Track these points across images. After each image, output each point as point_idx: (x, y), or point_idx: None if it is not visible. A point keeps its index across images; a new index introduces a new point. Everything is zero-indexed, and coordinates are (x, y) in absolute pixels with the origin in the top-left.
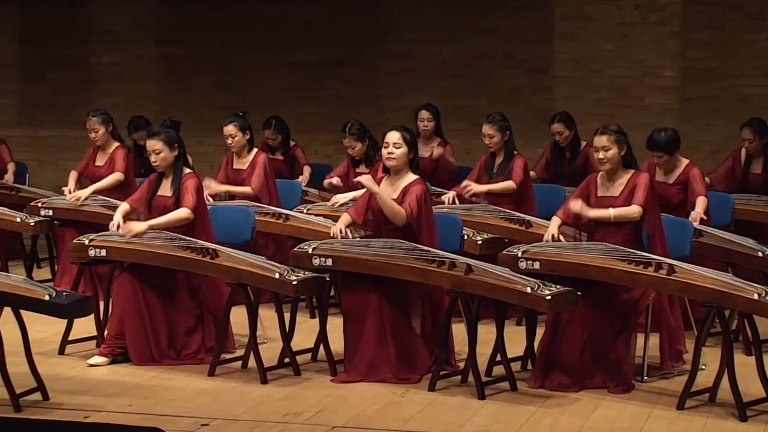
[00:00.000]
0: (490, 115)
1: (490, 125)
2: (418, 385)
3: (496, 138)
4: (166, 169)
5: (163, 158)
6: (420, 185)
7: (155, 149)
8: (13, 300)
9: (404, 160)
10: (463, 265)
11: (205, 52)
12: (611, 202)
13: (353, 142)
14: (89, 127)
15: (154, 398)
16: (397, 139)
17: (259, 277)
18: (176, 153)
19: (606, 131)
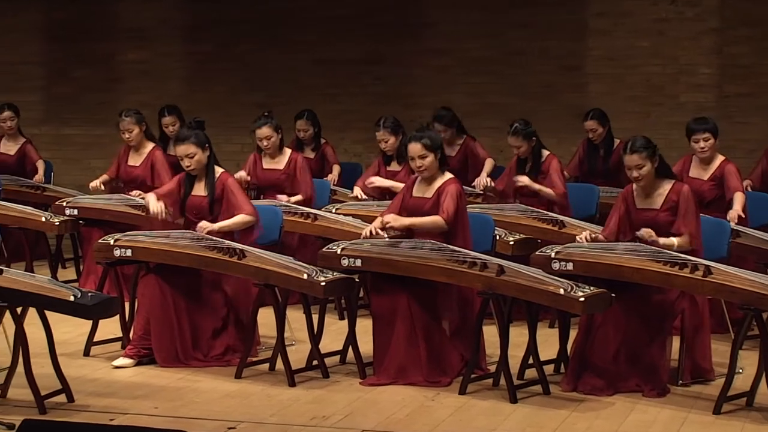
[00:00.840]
0: (512, 126)
1: (515, 137)
2: (448, 389)
3: (524, 147)
4: (199, 171)
5: (198, 161)
6: (455, 184)
7: (188, 153)
8: (38, 301)
9: (435, 167)
10: (494, 266)
11: (233, 49)
12: (653, 215)
13: (387, 135)
14: (123, 127)
15: (180, 401)
16: (420, 150)
17: (287, 277)
18: (208, 153)
19: (635, 149)
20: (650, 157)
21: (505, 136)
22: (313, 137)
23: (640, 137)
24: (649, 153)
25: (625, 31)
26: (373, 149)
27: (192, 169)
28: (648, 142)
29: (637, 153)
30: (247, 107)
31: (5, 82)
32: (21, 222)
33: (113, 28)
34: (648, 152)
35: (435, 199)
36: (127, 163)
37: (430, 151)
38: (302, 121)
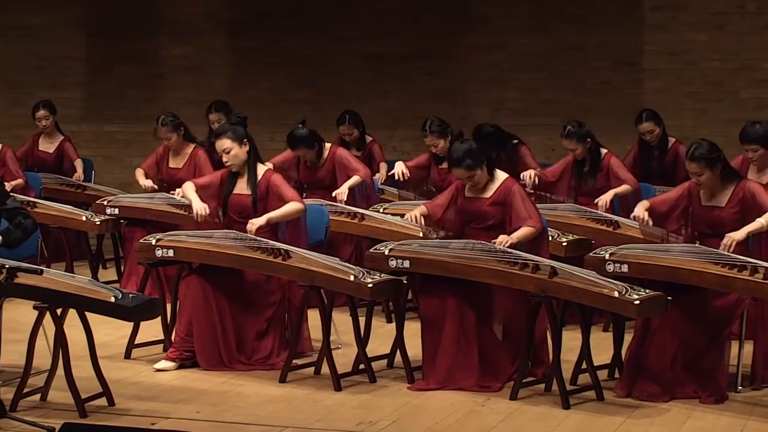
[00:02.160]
0: (565, 128)
1: (569, 140)
2: (499, 394)
3: (579, 149)
4: (239, 167)
5: (235, 156)
6: (515, 184)
7: (225, 148)
8: (78, 302)
9: (484, 177)
10: (547, 267)
11: (279, 44)
12: (718, 213)
13: (435, 139)
14: (161, 136)
15: (223, 405)
16: (465, 174)
17: (333, 279)
18: (247, 149)
19: (695, 158)
20: (711, 165)
21: (558, 134)
22: (358, 139)
23: (705, 144)
24: (710, 162)
25: (683, 24)
26: (423, 147)
27: (230, 165)
28: (710, 151)
29: (696, 162)
30: (292, 104)
31: (47, 78)
32: (61, 221)
33: (156, 22)
34: (707, 161)
35: (495, 198)
36: (168, 165)
37: (473, 170)
38: (344, 126)
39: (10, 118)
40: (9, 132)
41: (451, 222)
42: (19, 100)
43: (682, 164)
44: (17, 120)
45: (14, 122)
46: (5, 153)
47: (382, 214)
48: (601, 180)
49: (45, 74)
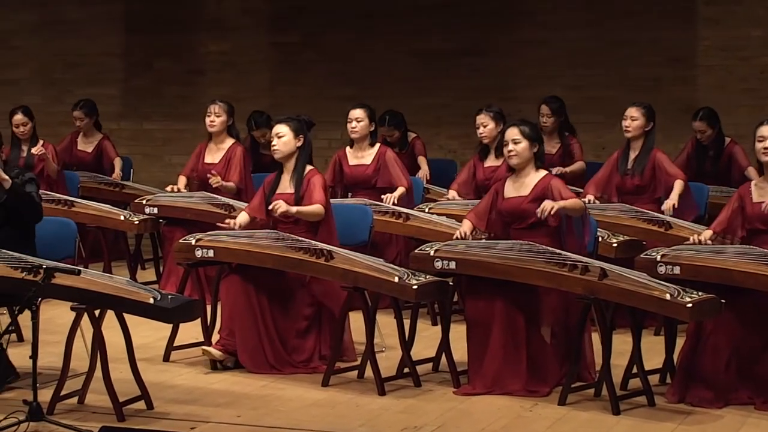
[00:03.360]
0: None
1: (637, 107)
2: (547, 399)
3: (639, 121)
4: (285, 158)
5: (285, 143)
6: (557, 180)
7: (278, 132)
8: (117, 303)
9: (526, 156)
10: (596, 269)
11: (321, 40)
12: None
13: (487, 119)
14: (211, 110)
15: (264, 409)
16: (515, 135)
17: (377, 280)
18: (300, 144)
19: None
20: None
21: (609, 131)
22: (400, 139)
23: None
24: None
25: (737, 19)
26: (470, 145)
27: (276, 151)
28: None
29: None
30: (334, 102)
31: (85, 75)
32: (99, 221)
33: (194, 18)
34: None
35: (533, 195)
36: (204, 160)
37: (525, 138)
38: (384, 128)
39: (49, 115)
40: (49, 129)
41: (494, 224)
42: (58, 96)
43: (737, 165)
44: (56, 117)
45: (54, 119)
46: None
47: (428, 213)
48: (647, 176)
49: (83, 71)
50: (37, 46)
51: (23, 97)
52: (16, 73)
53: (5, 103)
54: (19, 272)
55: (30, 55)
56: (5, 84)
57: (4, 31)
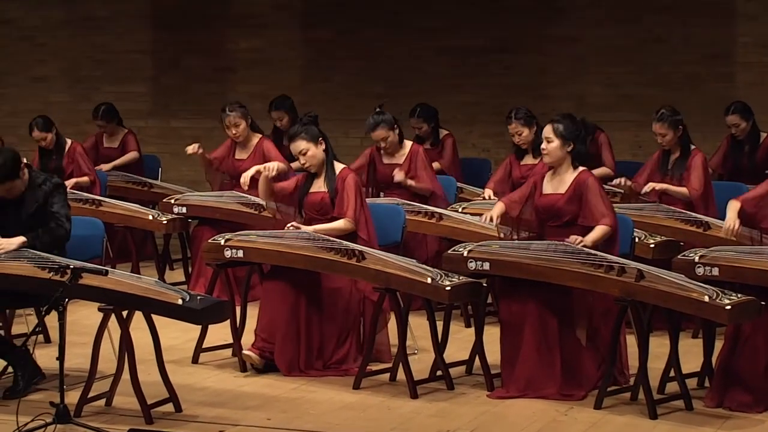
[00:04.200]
0: (659, 111)
1: (661, 123)
2: (583, 402)
3: (669, 135)
4: (318, 168)
5: (312, 156)
6: (593, 179)
7: (301, 150)
8: (145, 304)
9: (559, 155)
10: (633, 270)
11: (353, 36)
12: None
13: (520, 127)
14: (228, 123)
15: (294, 412)
16: (549, 133)
17: (410, 281)
18: (323, 147)
19: None
20: None
21: (644, 130)
22: (430, 133)
23: None
24: None
25: None
26: (503, 144)
27: (309, 167)
28: None
29: None
30: (367, 99)
31: (113, 72)
32: (127, 220)
33: (224, 14)
34: None
35: (570, 193)
36: (234, 157)
37: (557, 137)
38: (413, 119)
39: (76, 113)
40: (75, 127)
41: (529, 222)
42: (85, 94)
43: None
44: (84, 115)
45: (80, 117)
46: (74, 149)
47: (461, 213)
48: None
49: (111, 68)
50: (65, 43)
51: (50, 94)
52: (43, 70)
53: (33, 101)
54: (46, 272)
55: (57, 52)
56: (33, 81)
57: (31, 27)
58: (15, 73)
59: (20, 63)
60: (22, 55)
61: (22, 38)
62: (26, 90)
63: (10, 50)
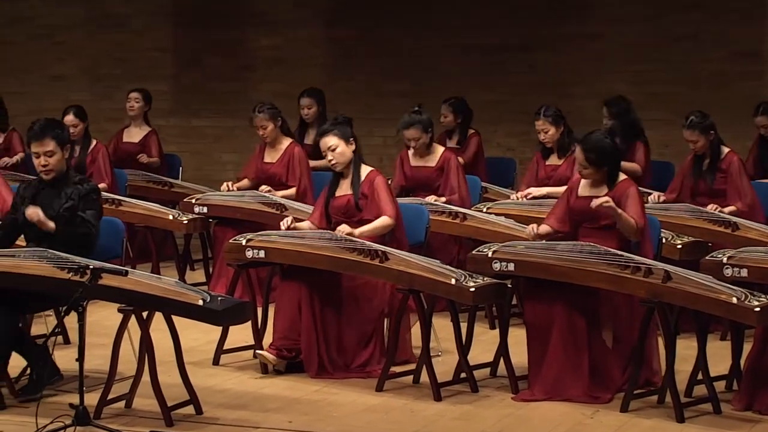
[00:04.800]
0: (688, 118)
1: (691, 131)
2: (609, 405)
3: (701, 142)
4: (343, 167)
5: (341, 154)
6: (632, 186)
7: (330, 146)
8: (165, 305)
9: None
10: (660, 271)
11: (376, 34)
12: None
13: (547, 125)
14: (257, 124)
15: (316, 414)
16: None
17: (433, 282)
18: (353, 148)
19: None
20: None
21: (671, 129)
22: (456, 127)
23: None
24: None
25: None
26: (529, 143)
27: (335, 164)
28: None
29: None
30: (390, 97)
31: (132, 71)
32: (147, 220)
33: (245, 11)
34: None
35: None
36: (263, 160)
37: (592, 165)
38: (444, 106)
39: (96, 111)
40: (95, 126)
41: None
42: (106, 93)
43: None
44: (104, 114)
45: (101, 115)
46: (98, 150)
47: (486, 213)
48: (720, 181)
49: (131, 66)
50: (84, 42)
51: (70, 93)
52: (63, 69)
53: (53, 99)
54: (65, 273)
55: (77, 50)
56: (52, 80)
57: (51, 26)
58: (34, 72)
59: (39, 62)
60: (41, 54)
61: (41, 36)
62: (45, 89)
63: (29, 49)
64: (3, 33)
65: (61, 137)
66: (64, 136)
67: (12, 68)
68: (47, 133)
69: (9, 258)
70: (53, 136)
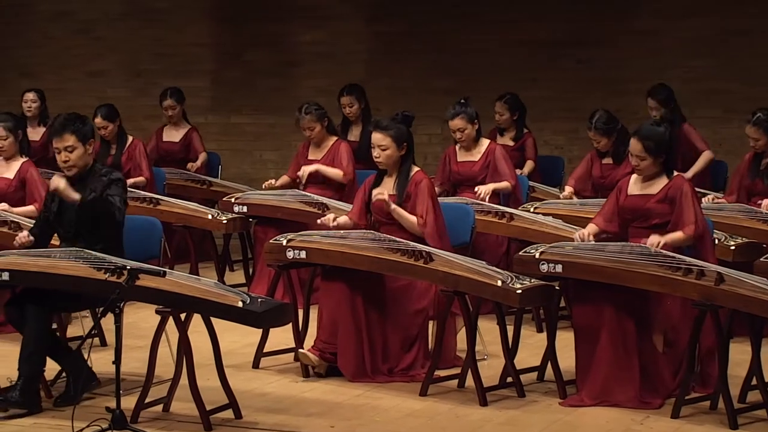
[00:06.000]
0: (755, 114)
1: (756, 128)
2: (659, 411)
3: (763, 140)
4: (388, 167)
5: (388, 156)
6: (689, 185)
7: (381, 144)
8: (204, 306)
9: (652, 170)
10: (712, 273)
11: (421, 29)
12: None
13: (598, 137)
14: (303, 125)
15: (358, 419)
16: (638, 152)
17: (479, 284)
18: (403, 152)
19: None
20: None
21: (726, 127)
22: (511, 123)
23: None
24: None
25: None
26: (577, 141)
27: (380, 163)
28: None
29: None
30: (435, 94)
31: (171, 66)
32: (186, 220)
33: (288, 5)
34: None
35: (661, 196)
36: (307, 158)
37: (649, 154)
38: (499, 103)
39: (134, 108)
40: (133, 123)
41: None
42: (144, 89)
43: None
44: (142, 110)
45: (139, 112)
46: (135, 147)
47: (533, 213)
48: None
49: (170, 62)
50: (122, 36)
51: (107, 89)
52: (100, 64)
53: (90, 96)
54: (102, 273)
55: (114, 45)
56: (90, 76)
57: (88, 20)
58: (72, 68)
59: (77, 57)
60: (79, 49)
61: (79, 31)
62: (83, 85)
63: (67, 44)
64: (42, 28)
65: (82, 132)
66: (85, 131)
67: (50, 64)
68: (67, 129)
69: (44, 258)
70: (73, 131)
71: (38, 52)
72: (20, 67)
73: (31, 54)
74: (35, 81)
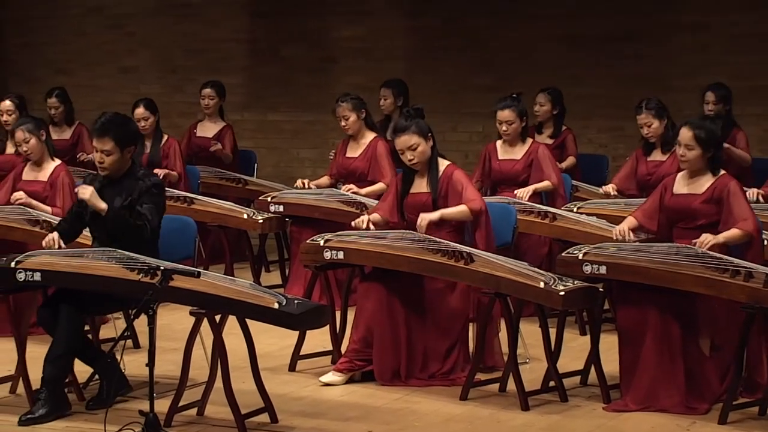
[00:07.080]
0: None
1: None
2: (706, 417)
3: None
4: (423, 165)
5: (422, 152)
6: (733, 181)
7: (410, 145)
8: (239, 308)
9: (699, 164)
10: (761, 275)
11: (461, 24)
12: None
13: (650, 118)
14: (339, 114)
15: (397, 424)
16: (689, 140)
17: (521, 286)
18: (432, 144)
19: None
20: None
21: None
22: (550, 118)
23: None
24: None
25: None
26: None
27: (416, 164)
28: None
29: None
30: (476, 91)
31: (207, 62)
32: (221, 219)
33: (326, 1)
34: None
35: (707, 196)
36: (345, 154)
37: (699, 144)
38: (541, 94)
39: (169, 104)
40: (168, 120)
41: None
42: (178, 85)
43: None
44: (176, 107)
45: (173, 109)
46: (170, 145)
47: (576, 213)
48: None
49: (205, 58)
50: (156, 32)
51: (140, 85)
52: (133, 60)
53: (122, 93)
54: (135, 274)
55: (148, 41)
56: (122, 72)
57: (121, 15)
58: (104, 64)
59: (110, 53)
60: (112, 45)
61: (112, 27)
62: (115, 81)
63: (99, 40)
64: (74, 24)
65: (122, 139)
66: (126, 138)
67: (82, 61)
68: (108, 133)
69: (77, 258)
70: (113, 137)
71: (70, 48)
72: (53, 63)
73: (64, 50)
74: (68, 77)
